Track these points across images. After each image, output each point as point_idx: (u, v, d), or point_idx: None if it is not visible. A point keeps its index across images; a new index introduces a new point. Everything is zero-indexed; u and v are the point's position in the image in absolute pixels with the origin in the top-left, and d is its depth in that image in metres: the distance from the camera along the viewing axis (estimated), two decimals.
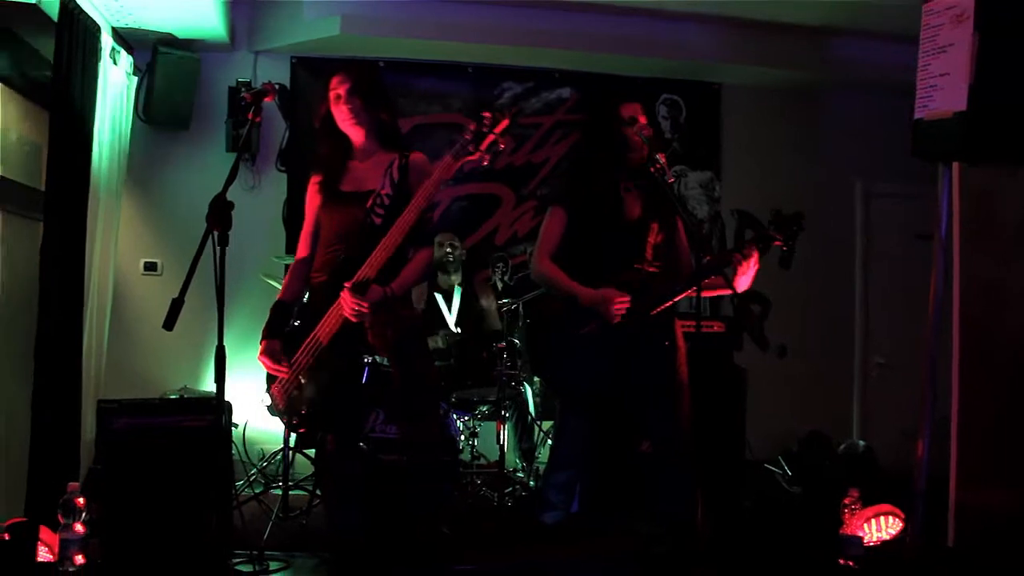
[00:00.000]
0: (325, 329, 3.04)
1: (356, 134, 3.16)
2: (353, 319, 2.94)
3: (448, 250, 5.32)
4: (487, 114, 2.93)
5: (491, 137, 2.91)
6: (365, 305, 2.91)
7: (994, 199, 3.26)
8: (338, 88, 3.12)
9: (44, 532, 3.03)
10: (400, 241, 2.96)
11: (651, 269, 3.46)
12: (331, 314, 3.02)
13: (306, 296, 3.31)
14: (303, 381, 3.12)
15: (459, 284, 5.42)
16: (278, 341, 3.16)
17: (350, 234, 3.06)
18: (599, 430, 3.53)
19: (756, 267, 3.29)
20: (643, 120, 3.41)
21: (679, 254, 3.57)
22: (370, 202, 3.05)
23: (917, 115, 3.03)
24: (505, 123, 2.92)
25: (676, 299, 3.35)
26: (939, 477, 3.39)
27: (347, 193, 3.15)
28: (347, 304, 2.92)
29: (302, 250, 3.31)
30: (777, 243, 3.27)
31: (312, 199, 3.27)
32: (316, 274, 3.19)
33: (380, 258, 2.96)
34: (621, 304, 3.26)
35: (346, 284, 2.93)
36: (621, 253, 3.42)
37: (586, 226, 3.44)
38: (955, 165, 3.26)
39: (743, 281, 3.30)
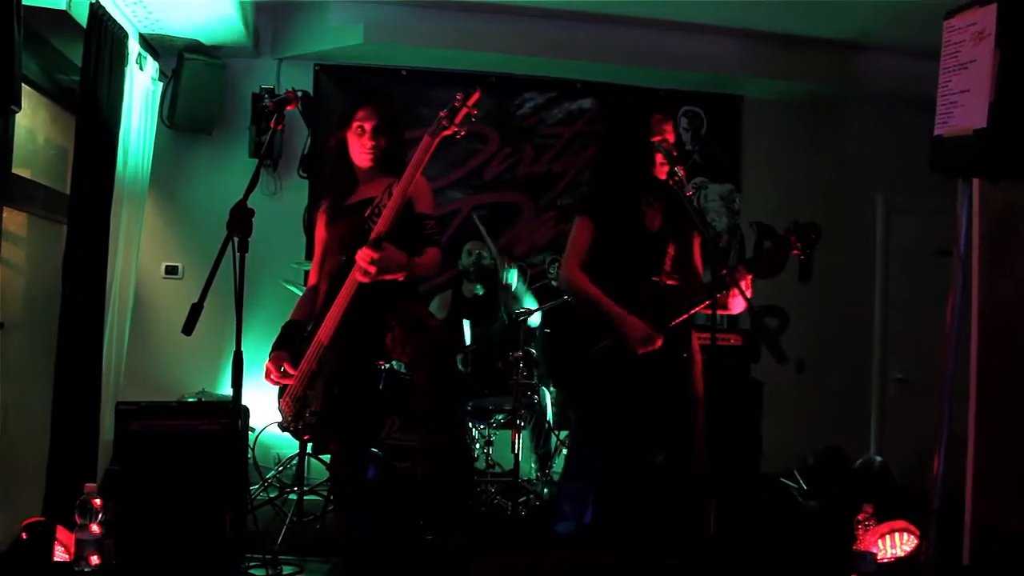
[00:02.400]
0: (326, 329, 3.07)
1: (363, 163, 3.25)
2: (364, 276, 2.90)
3: (476, 259, 5.34)
4: (459, 95, 2.97)
5: (464, 111, 2.96)
6: (376, 255, 2.88)
7: (1014, 216, 3.25)
8: (364, 122, 3.20)
9: (61, 532, 3.07)
10: (394, 215, 2.97)
11: (670, 281, 3.46)
12: (332, 313, 3.05)
13: None
14: (307, 387, 3.14)
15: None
16: (286, 352, 3.20)
17: (351, 241, 3.09)
18: (614, 442, 3.53)
19: (749, 291, 3.27)
20: (671, 138, 3.42)
21: (696, 267, 3.58)
22: (368, 211, 3.10)
23: (937, 131, 3.02)
24: (476, 96, 2.96)
25: (693, 312, 3.35)
26: (956, 494, 3.37)
27: (349, 206, 3.24)
28: (361, 257, 2.89)
29: (312, 278, 3.39)
30: (795, 252, 3.26)
31: (320, 228, 3.36)
32: (323, 283, 3.25)
33: (381, 228, 2.97)
34: (650, 344, 3.27)
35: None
36: (640, 264, 3.43)
37: (608, 236, 3.45)
38: (975, 181, 3.25)
39: (736, 304, 3.29)
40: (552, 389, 5.19)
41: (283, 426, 3.29)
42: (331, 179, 3.35)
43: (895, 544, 3.55)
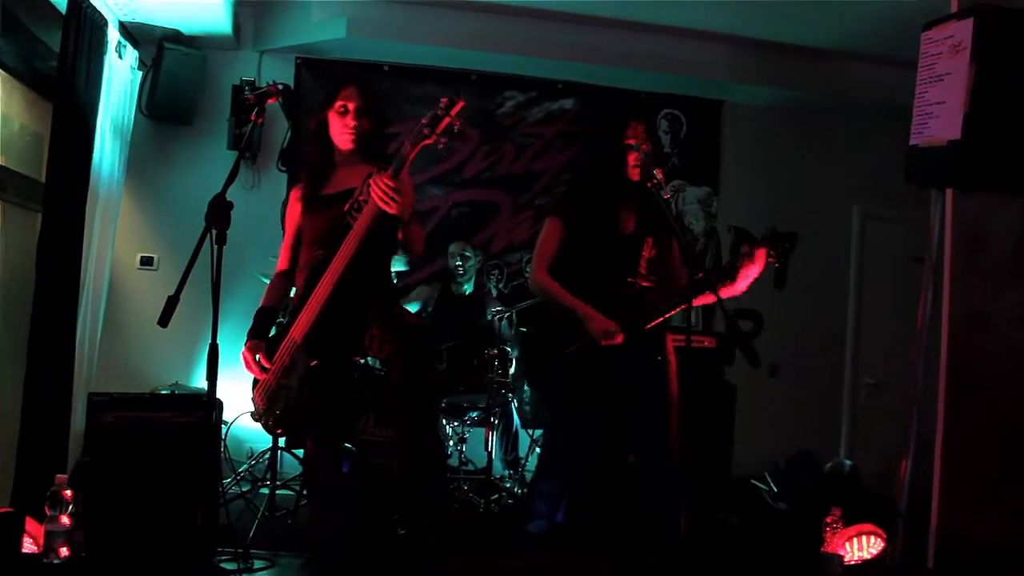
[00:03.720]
0: (299, 327, 3.06)
1: (345, 145, 3.18)
2: (382, 202, 2.86)
3: (459, 262, 5.36)
4: (443, 100, 2.90)
5: (447, 120, 2.88)
6: (392, 183, 2.85)
7: (986, 227, 3.29)
8: (348, 102, 3.13)
9: (30, 523, 3.04)
10: (371, 222, 2.96)
11: (645, 284, 3.49)
12: (307, 311, 3.04)
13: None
14: (281, 382, 3.13)
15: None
16: (262, 342, 3.18)
17: (331, 235, 3.08)
18: (588, 442, 3.55)
19: (759, 271, 3.29)
20: (645, 147, 3.43)
21: (673, 269, 3.60)
22: (348, 205, 3.07)
23: (912, 142, 3.05)
24: (460, 105, 2.89)
25: (670, 314, 3.37)
26: (924, 499, 3.42)
27: (327, 196, 3.17)
28: (377, 185, 2.87)
29: (282, 263, 3.35)
30: (770, 259, 3.28)
31: (292, 210, 3.29)
32: (300, 274, 3.22)
33: (346, 254, 2.97)
34: (611, 338, 3.29)
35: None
36: (615, 267, 3.45)
37: (581, 238, 3.47)
38: (948, 192, 3.29)
39: (741, 284, 3.30)
40: (525, 389, 5.21)
41: (255, 417, 3.29)
42: (309, 160, 3.27)
43: (862, 547, 3.59)
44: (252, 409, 3.31)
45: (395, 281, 3.58)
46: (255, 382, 3.22)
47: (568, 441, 3.55)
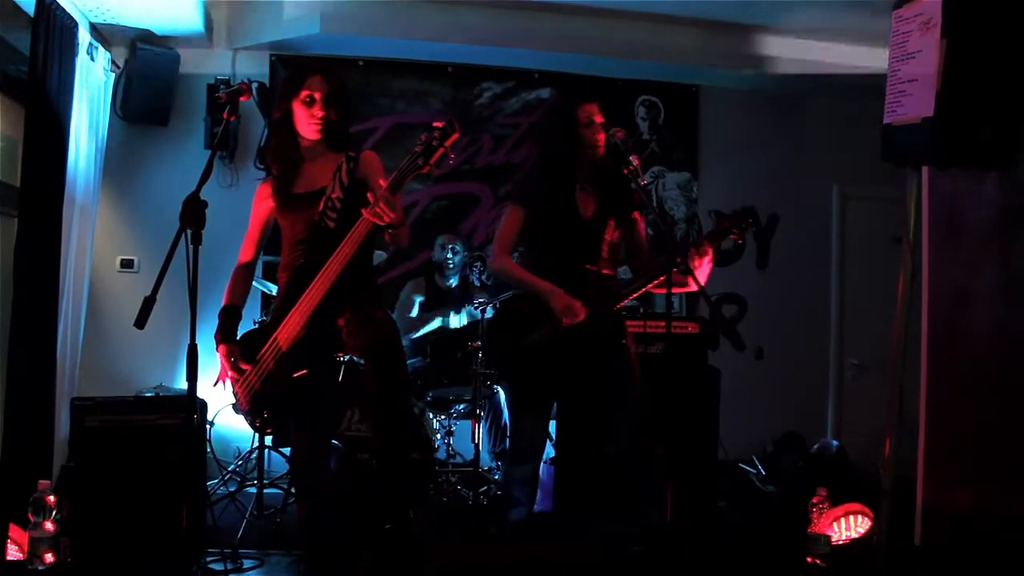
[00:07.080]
0: (285, 334, 3.04)
1: (312, 135, 3.14)
2: (377, 218, 2.84)
3: (449, 255, 5.35)
4: (438, 124, 2.87)
5: (440, 151, 2.85)
6: (395, 203, 2.83)
7: (962, 204, 3.31)
8: (314, 91, 3.09)
9: (14, 530, 3.02)
10: (354, 252, 2.95)
11: (606, 270, 3.50)
12: (293, 319, 3.03)
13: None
14: (265, 386, 3.12)
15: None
16: (235, 346, 3.14)
17: (311, 238, 3.06)
18: (547, 426, 3.58)
19: (710, 265, 3.32)
20: (599, 119, 3.42)
21: (639, 250, 3.61)
22: (321, 205, 3.05)
23: (886, 120, 3.07)
24: (455, 137, 2.85)
25: (637, 294, 3.39)
26: (910, 477, 3.44)
27: (300, 195, 3.15)
28: (383, 208, 2.83)
29: (245, 255, 3.31)
30: (733, 236, 3.31)
31: (260, 205, 3.25)
32: (282, 273, 3.20)
33: (335, 269, 2.96)
34: (573, 315, 3.30)
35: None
36: (575, 252, 3.46)
37: (540, 224, 3.48)
38: (924, 170, 3.30)
39: (698, 276, 3.33)
40: None
41: (237, 409, 3.28)
42: (275, 152, 3.21)
43: (849, 526, 3.62)
44: (232, 404, 3.30)
45: (376, 278, 3.55)
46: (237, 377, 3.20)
47: (533, 425, 3.58)
